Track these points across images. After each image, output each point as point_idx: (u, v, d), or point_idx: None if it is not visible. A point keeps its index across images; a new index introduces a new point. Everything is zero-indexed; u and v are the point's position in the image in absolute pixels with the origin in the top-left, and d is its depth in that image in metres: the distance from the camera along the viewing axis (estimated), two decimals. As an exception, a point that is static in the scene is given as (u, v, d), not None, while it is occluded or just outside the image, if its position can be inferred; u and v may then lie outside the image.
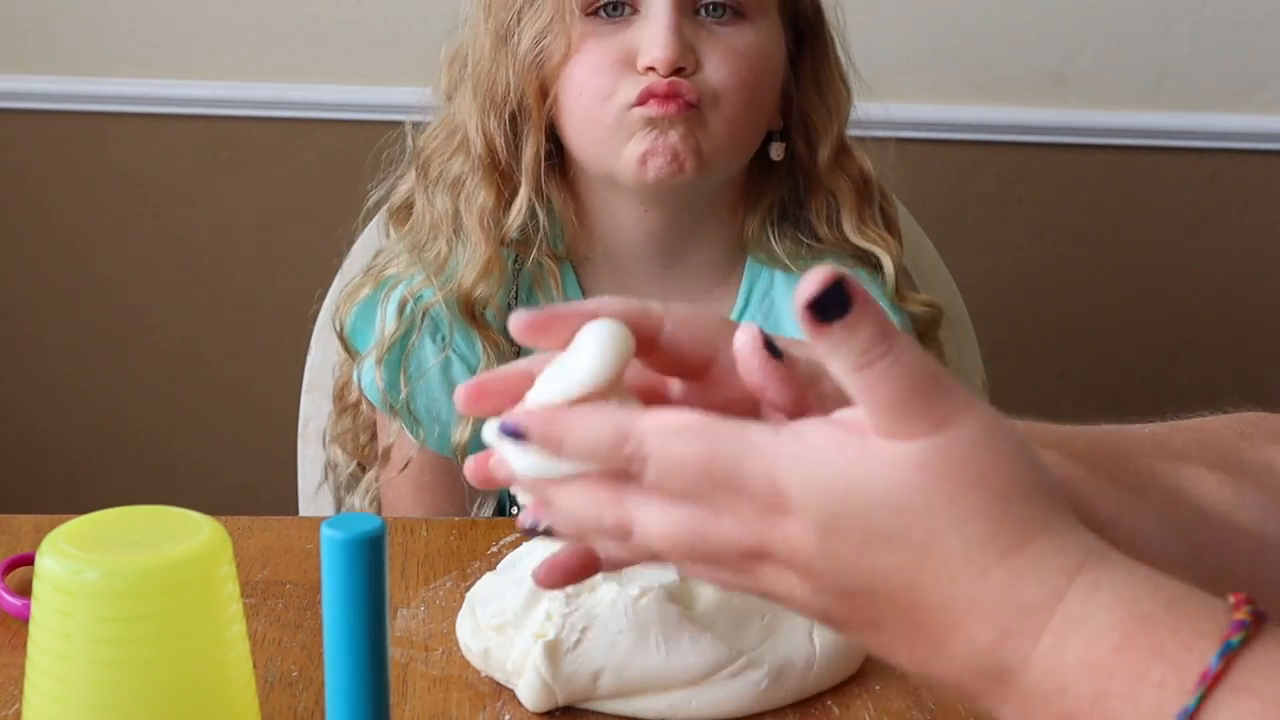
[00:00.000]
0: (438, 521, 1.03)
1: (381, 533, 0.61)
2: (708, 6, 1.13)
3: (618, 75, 1.12)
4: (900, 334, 0.56)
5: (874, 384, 0.56)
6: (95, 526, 0.68)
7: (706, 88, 1.12)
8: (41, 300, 1.92)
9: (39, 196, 1.88)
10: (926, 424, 0.55)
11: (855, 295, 0.55)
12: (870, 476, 0.56)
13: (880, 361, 0.55)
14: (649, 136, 1.11)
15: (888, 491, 0.55)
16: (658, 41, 1.10)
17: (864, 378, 0.56)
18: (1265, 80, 1.81)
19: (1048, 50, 1.80)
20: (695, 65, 1.12)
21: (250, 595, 0.86)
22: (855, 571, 0.56)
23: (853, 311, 0.55)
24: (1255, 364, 1.89)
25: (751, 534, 0.57)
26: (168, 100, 1.83)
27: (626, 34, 1.12)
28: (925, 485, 0.55)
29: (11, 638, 0.86)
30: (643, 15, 1.12)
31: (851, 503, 0.55)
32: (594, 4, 1.13)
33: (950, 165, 1.82)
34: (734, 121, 1.13)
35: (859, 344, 0.55)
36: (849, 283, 0.55)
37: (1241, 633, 0.53)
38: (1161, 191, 1.85)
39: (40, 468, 1.96)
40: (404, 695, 0.81)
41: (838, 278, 0.55)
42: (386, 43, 1.80)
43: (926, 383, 0.56)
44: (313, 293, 1.38)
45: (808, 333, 0.56)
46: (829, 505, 0.56)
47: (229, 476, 1.94)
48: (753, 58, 1.14)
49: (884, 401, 0.56)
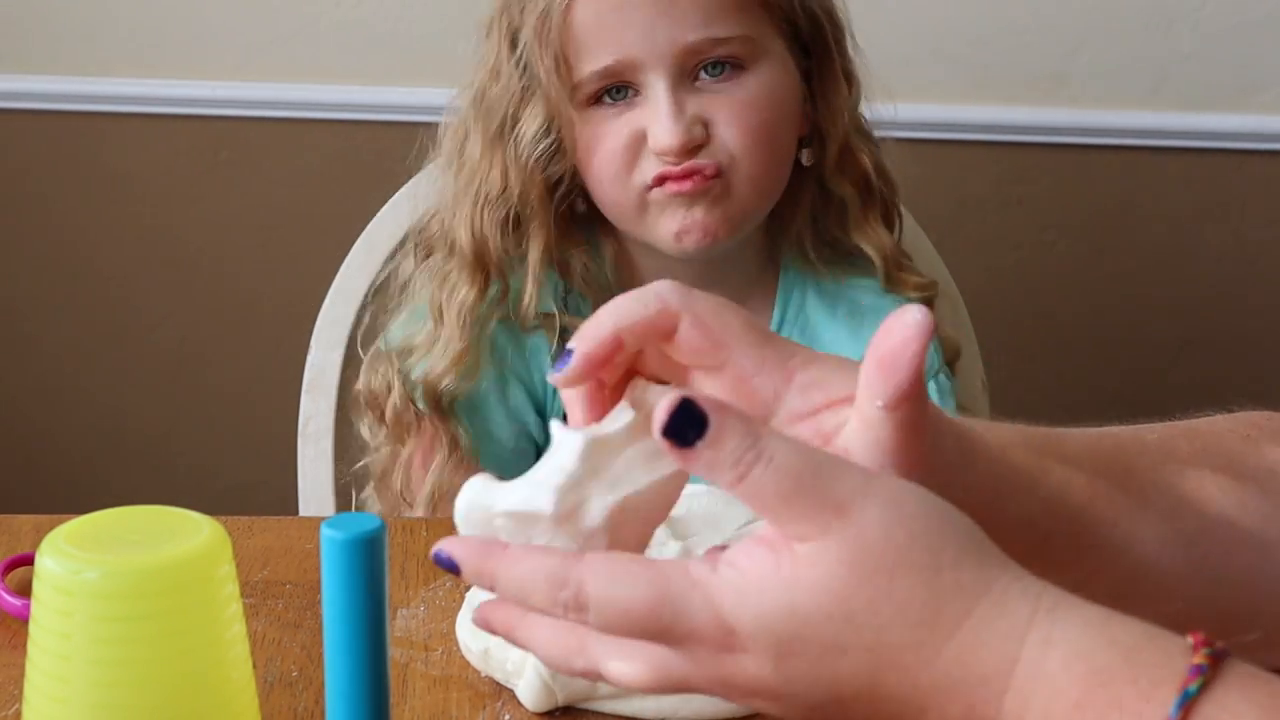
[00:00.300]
0: (438, 521, 1.03)
1: (381, 533, 0.61)
2: (707, 67, 1.12)
3: (632, 157, 1.12)
4: (769, 433, 0.56)
5: (757, 490, 0.56)
6: (95, 526, 0.68)
7: (723, 153, 1.12)
8: (41, 300, 1.92)
9: (39, 197, 1.88)
10: (827, 514, 0.55)
11: (708, 409, 0.55)
12: (807, 595, 0.55)
13: (755, 467, 0.55)
14: (678, 215, 1.12)
15: (828, 605, 0.55)
16: (664, 129, 1.10)
17: (746, 487, 0.56)
18: (1265, 80, 1.81)
19: (1048, 50, 1.80)
20: (706, 136, 1.11)
21: (250, 595, 0.86)
22: (817, 684, 0.56)
23: (710, 428, 0.55)
24: (1255, 364, 1.89)
25: (712, 673, 0.57)
26: (167, 100, 1.83)
27: (633, 115, 1.12)
28: (858, 585, 0.55)
29: (11, 638, 0.86)
30: (644, 97, 1.11)
31: (798, 626, 0.56)
32: (595, 94, 1.12)
33: (950, 165, 1.82)
34: (758, 177, 1.14)
35: (727, 458, 0.55)
36: (698, 401, 0.55)
37: (1199, 679, 0.52)
38: (1161, 191, 1.85)
39: (40, 468, 1.96)
40: (404, 695, 0.81)
41: (682, 400, 0.55)
42: (386, 43, 1.79)
43: (809, 475, 0.56)
44: (313, 293, 1.38)
45: (675, 461, 0.56)
46: (778, 632, 0.56)
47: (229, 476, 1.94)
48: (762, 105, 1.13)
49: (773, 504, 0.56)
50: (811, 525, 0.55)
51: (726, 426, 0.55)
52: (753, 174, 1.13)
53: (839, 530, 0.55)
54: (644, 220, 1.14)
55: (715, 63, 1.12)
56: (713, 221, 1.12)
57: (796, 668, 0.56)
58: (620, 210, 1.15)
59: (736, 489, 0.56)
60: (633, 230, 1.16)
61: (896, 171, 1.27)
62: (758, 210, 1.17)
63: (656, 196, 1.12)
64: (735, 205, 1.13)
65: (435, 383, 1.15)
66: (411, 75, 1.31)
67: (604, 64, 1.11)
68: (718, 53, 1.12)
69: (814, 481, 0.55)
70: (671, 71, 1.11)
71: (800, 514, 0.55)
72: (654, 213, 1.13)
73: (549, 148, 1.13)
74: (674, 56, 1.10)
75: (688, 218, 1.12)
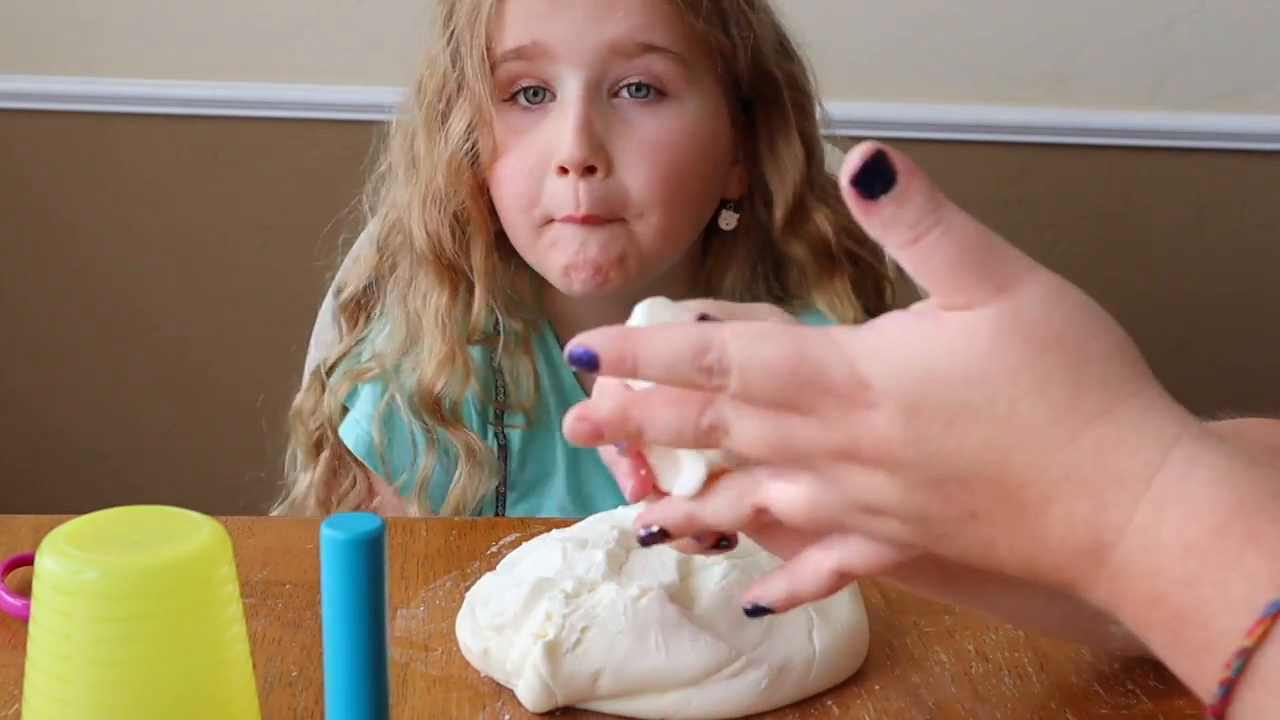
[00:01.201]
0: (437, 521, 1.03)
1: (381, 533, 0.61)
2: (629, 87, 1.07)
3: (537, 180, 1.07)
4: (949, 202, 0.55)
5: (929, 255, 0.55)
6: (95, 526, 0.68)
7: (623, 196, 1.06)
8: (41, 300, 1.92)
9: (39, 197, 1.88)
10: (989, 288, 0.55)
11: (899, 167, 0.55)
12: (947, 354, 0.55)
13: (932, 232, 0.55)
14: (570, 248, 1.07)
15: (966, 365, 0.54)
16: (566, 140, 1.04)
17: (918, 250, 0.55)
18: (1265, 80, 1.81)
19: (1047, 50, 1.80)
20: (607, 166, 1.06)
21: (250, 595, 0.86)
22: (944, 455, 0.55)
23: (898, 184, 0.55)
24: (1255, 364, 1.89)
25: (839, 432, 0.56)
26: (168, 100, 1.83)
27: (544, 128, 1.07)
28: (1002, 352, 0.54)
29: (11, 638, 0.86)
30: (558, 103, 1.07)
31: (932, 383, 0.55)
32: (509, 91, 1.08)
33: (950, 165, 1.82)
34: (660, 225, 1.08)
35: (907, 217, 0.55)
36: (891, 156, 0.55)
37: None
38: (1161, 191, 1.85)
39: (40, 468, 1.96)
40: (404, 695, 0.81)
41: (877, 151, 0.54)
42: (386, 43, 1.79)
43: (982, 248, 0.55)
44: (313, 293, 1.38)
45: (855, 211, 0.55)
46: (910, 389, 0.55)
47: (229, 476, 1.94)
48: (675, 144, 1.07)
49: (940, 271, 0.55)
50: (971, 296, 0.55)
51: (913, 186, 0.55)
52: (656, 222, 1.07)
53: (996, 303, 0.55)
54: (536, 250, 1.09)
55: (638, 85, 1.07)
56: (606, 263, 1.07)
57: (927, 429, 0.55)
58: (517, 231, 1.10)
59: (908, 250, 0.55)
60: (526, 255, 1.12)
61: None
62: (658, 259, 1.10)
63: (554, 229, 1.08)
64: (634, 248, 1.08)
65: (429, 389, 1.12)
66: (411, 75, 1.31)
67: (520, 43, 1.06)
68: (645, 63, 1.06)
69: (985, 254, 0.55)
70: (590, 73, 1.06)
71: (964, 284, 0.55)
72: (546, 243, 1.08)
73: (471, 148, 1.09)
74: (596, 54, 1.06)
75: (580, 253, 1.06)
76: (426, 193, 1.12)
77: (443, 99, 1.12)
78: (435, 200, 1.12)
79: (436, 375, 1.12)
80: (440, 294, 1.13)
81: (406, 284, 1.16)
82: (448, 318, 1.13)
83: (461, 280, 1.13)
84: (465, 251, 1.12)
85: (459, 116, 1.10)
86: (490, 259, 1.13)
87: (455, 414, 1.14)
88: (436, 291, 1.13)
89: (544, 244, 1.09)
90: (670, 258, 1.12)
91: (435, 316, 1.13)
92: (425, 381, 1.12)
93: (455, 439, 1.13)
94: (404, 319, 1.16)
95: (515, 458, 1.16)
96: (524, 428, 1.16)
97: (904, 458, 0.56)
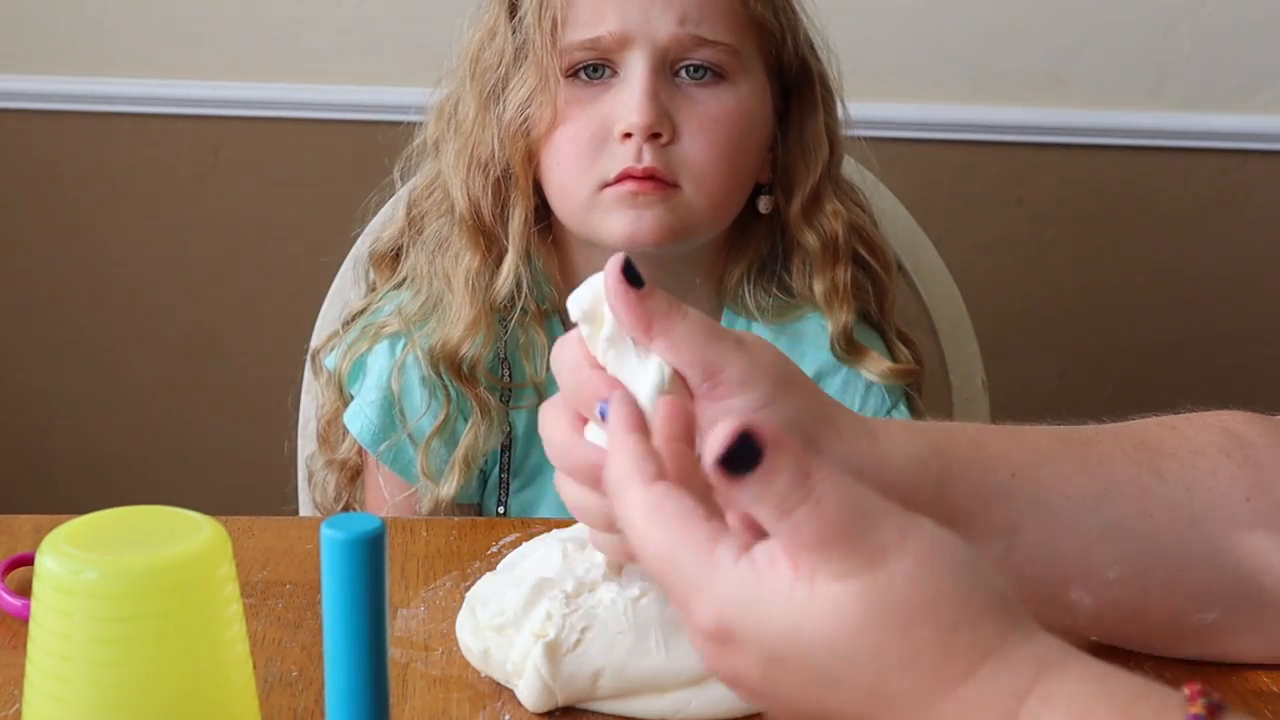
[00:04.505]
0: (438, 521, 1.03)
1: (381, 533, 0.61)
2: (688, 68, 1.12)
3: (597, 148, 1.11)
4: (822, 472, 0.55)
5: (796, 530, 0.55)
6: (95, 526, 0.68)
7: (684, 162, 1.11)
8: (39, 301, 1.92)
9: (38, 197, 1.88)
10: (858, 560, 0.55)
11: (766, 444, 0.55)
12: (815, 623, 0.55)
13: (800, 507, 0.55)
14: (629, 215, 1.11)
15: (834, 639, 0.55)
16: (632, 106, 1.10)
17: (786, 525, 0.55)
18: (1265, 80, 1.81)
19: (1048, 50, 1.80)
20: (672, 133, 1.11)
21: (250, 595, 0.86)
22: (803, 701, 0.56)
23: (764, 462, 0.54)
24: (1255, 364, 1.89)
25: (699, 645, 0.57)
26: (168, 100, 1.83)
27: (606, 100, 1.12)
28: (870, 629, 0.54)
29: (11, 638, 0.86)
30: (621, 78, 1.12)
31: (798, 645, 0.55)
32: (574, 66, 1.13)
33: (950, 165, 1.82)
34: (715, 194, 1.13)
35: (775, 493, 0.55)
36: (758, 432, 0.55)
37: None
38: (1161, 191, 1.85)
39: (40, 468, 1.96)
40: (404, 695, 0.81)
41: (744, 430, 0.54)
42: (386, 43, 1.80)
43: (852, 520, 0.55)
44: (312, 293, 1.38)
45: (721, 489, 0.55)
46: (776, 646, 0.55)
47: (229, 476, 1.94)
48: (732, 122, 1.13)
49: (810, 544, 0.55)
50: (842, 569, 0.55)
51: (781, 462, 0.55)
52: (711, 191, 1.12)
53: (868, 576, 0.55)
54: (592, 216, 1.13)
55: (697, 66, 1.12)
56: (662, 228, 1.11)
57: (788, 680, 0.56)
58: (573, 200, 1.14)
59: (776, 525, 0.55)
60: (577, 224, 1.15)
61: (897, 171, 1.27)
62: (707, 228, 1.15)
63: (608, 196, 1.11)
64: (689, 216, 1.12)
65: (454, 350, 1.15)
66: (411, 75, 1.31)
67: (594, 34, 1.11)
68: (702, 54, 1.12)
69: (855, 526, 0.55)
70: (654, 57, 1.11)
71: (833, 557, 0.55)
72: (604, 209, 1.12)
73: (534, 115, 1.13)
74: (661, 43, 1.11)
75: (639, 219, 1.11)
76: (472, 158, 1.16)
77: (501, 68, 1.15)
78: (480, 166, 1.16)
79: (464, 336, 1.15)
80: (473, 256, 1.16)
81: (436, 246, 1.19)
82: (479, 282, 1.16)
83: (494, 247, 1.16)
84: (503, 219, 1.16)
85: (516, 89, 1.14)
86: (527, 228, 1.16)
87: (473, 374, 1.16)
88: (469, 253, 1.16)
89: (600, 210, 1.12)
90: (714, 229, 1.17)
91: (466, 279, 1.16)
92: (451, 342, 1.15)
93: (470, 396, 1.16)
94: (428, 282, 1.19)
95: (519, 444, 1.18)
96: (533, 405, 1.17)
97: (764, 693, 0.57)
